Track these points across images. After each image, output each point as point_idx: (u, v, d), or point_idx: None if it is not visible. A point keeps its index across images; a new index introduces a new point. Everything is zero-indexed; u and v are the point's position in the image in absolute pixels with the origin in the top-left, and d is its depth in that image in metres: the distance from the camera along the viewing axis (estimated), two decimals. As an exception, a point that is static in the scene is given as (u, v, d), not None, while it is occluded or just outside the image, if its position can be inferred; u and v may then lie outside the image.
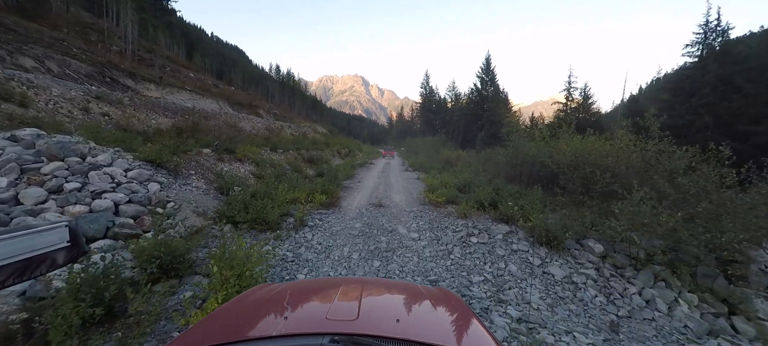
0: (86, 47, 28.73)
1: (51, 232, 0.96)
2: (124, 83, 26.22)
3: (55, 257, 0.96)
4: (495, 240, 6.24)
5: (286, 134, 31.40)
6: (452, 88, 54.53)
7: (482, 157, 21.46)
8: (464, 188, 10.65)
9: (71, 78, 20.44)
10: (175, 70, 43.19)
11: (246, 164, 13.38)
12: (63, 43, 26.76)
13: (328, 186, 9.29)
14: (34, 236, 0.91)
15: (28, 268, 0.88)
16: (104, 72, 25.71)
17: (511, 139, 12.64)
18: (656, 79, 68.59)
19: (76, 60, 23.98)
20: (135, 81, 27.70)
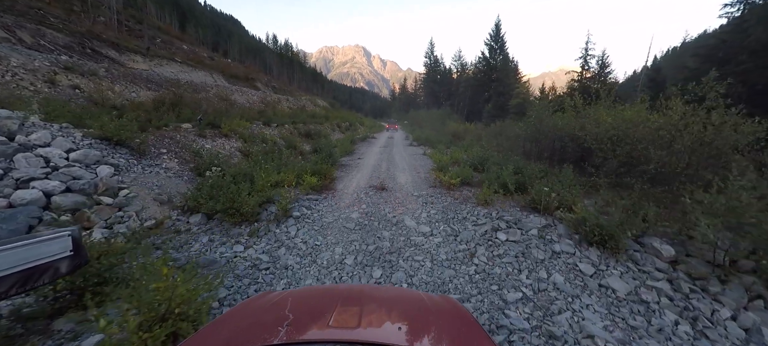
0: (67, 17, 26.59)
1: (53, 241, 0.94)
2: (106, 55, 24.29)
3: (58, 266, 0.94)
4: (529, 238, 4.85)
5: (284, 108, 29.66)
6: (458, 58, 51.58)
7: (493, 131, 19.77)
8: (479, 167, 9.19)
9: (46, 49, 18.63)
10: (167, 41, 40.77)
11: (232, 140, 11.92)
12: (39, 12, 24.65)
13: (322, 165, 7.85)
14: (36, 246, 0.88)
15: (31, 278, 0.86)
16: (84, 43, 23.73)
17: (532, 109, 10.97)
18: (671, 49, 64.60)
19: (52, 30, 22.01)
20: (119, 52, 25.75)
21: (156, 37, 39.81)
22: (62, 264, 0.95)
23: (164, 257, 2.70)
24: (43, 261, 0.89)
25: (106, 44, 25.73)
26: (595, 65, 31.34)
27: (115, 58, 24.48)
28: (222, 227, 5.31)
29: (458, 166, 9.50)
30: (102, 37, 26.44)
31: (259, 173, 6.88)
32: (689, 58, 27.18)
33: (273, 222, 5.44)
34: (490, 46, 41.97)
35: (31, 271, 0.86)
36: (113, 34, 29.47)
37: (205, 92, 23.25)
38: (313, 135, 18.68)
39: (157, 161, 7.83)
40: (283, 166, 8.33)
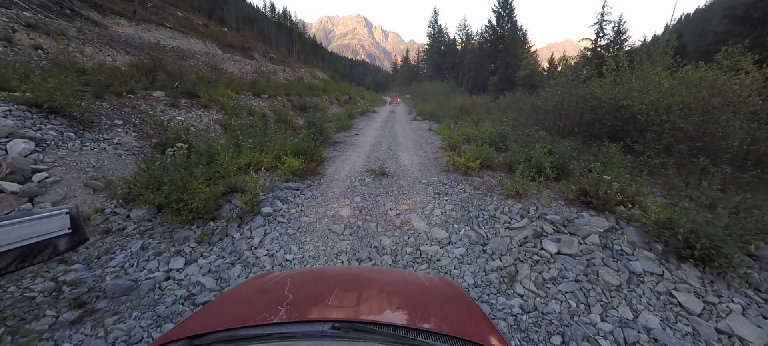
0: None
1: (52, 219, 0.92)
2: (87, 16, 21.88)
3: (57, 244, 0.92)
4: (590, 248, 3.35)
5: (279, 79, 27.51)
6: (463, 28, 48.21)
7: (503, 104, 17.91)
8: (499, 145, 7.58)
9: (18, 6, 16.46)
10: (159, 6, 37.74)
11: (212, 112, 10.24)
12: None
13: (308, 144, 6.22)
14: (35, 223, 0.87)
15: (31, 254, 0.85)
16: (63, 3, 21.27)
17: (557, 77, 9.16)
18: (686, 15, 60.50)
19: None
20: (102, 14, 23.31)
21: (147, 1, 36.81)
22: (61, 241, 0.94)
23: None
24: (41, 238, 0.88)
25: (88, 5, 23.22)
26: (610, 32, 28.72)
27: (98, 20, 22.14)
28: (166, 228, 3.82)
29: (472, 145, 7.90)
30: None
31: (227, 152, 5.30)
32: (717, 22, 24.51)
33: (235, 221, 3.95)
34: (497, 14, 38.81)
35: (30, 247, 0.85)
36: None
37: (193, 60, 21.16)
38: (309, 108, 16.88)
39: (106, 135, 6.24)
40: (266, 143, 6.76)
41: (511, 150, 6.59)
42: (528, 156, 5.62)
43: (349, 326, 0.85)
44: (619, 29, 28.28)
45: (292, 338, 0.82)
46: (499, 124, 8.66)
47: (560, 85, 8.64)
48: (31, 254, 0.86)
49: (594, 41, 29.17)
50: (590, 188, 4.16)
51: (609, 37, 28.80)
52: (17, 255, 0.83)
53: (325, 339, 0.81)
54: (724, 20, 22.74)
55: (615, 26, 28.34)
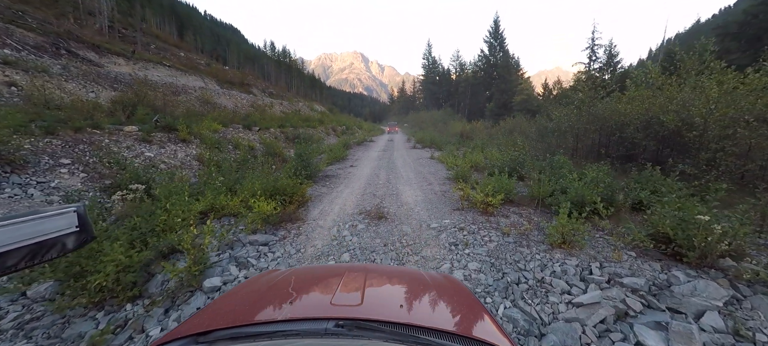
0: (51, 20, 23.99)
1: (60, 217, 0.88)
2: (84, 56, 21.43)
3: (65, 241, 0.88)
4: (718, 341, 2.02)
5: (275, 112, 26.94)
6: (456, 58, 48.86)
7: (505, 128, 16.97)
8: (516, 172, 6.38)
9: (11, 47, 15.92)
10: (162, 48, 38.15)
11: (191, 146, 9.12)
12: (18, 13, 22.02)
13: (287, 181, 4.94)
14: (43, 221, 0.85)
15: (39, 252, 0.83)
16: (59, 43, 20.87)
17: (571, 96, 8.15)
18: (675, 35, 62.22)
19: (24, 29, 19.28)
20: (99, 54, 22.93)
21: (151, 43, 37.19)
22: (69, 239, 0.90)
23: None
24: (50, 236, 0.85)
25: (86, 46, 22.93)
26: (602, 55, 28.63)
27: (94, 59, 21.70)
28: (59, 317, 2.50)
29: (483, 174, 6.71)
30: (83, 39, 23.65)
31: (180, 195, 4.05)
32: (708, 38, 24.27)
33: (164, 302, 2.63)
34: (489, 44, 39.28)
35: (39, 245, 0.83)
36: (100, 38, 26.78)
37: (186, 95, 20.57)
38: (302, 139, 15.88)
39: (42, 177, 5.03)
40: (241, 180, 5.53)
41: (534, 179, 5.36)
42: (562, 186, 4.38)
43: (352, 324, 0.83)
44: (610, 52, 28.20)
45: (297, 336, 0.81)
46: (514, 150, 7.48)
47: (577, 104, 7.59)
48: (39, 252, 0.84)
49: (587, 65, 29.04)
50: (675, 232, 2.88)
51: (601, 60, 28.71)
52: (26, 253, 0.81)
53: (329, 337, 0.80)
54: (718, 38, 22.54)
55: (606, 50, 28.30)
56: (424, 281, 1.35)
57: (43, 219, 0.86)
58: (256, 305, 1.11)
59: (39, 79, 12.02)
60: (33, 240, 0.83)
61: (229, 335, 0.82)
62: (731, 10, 79.31)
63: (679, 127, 5.34)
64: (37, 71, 12.78)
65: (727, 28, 22.55)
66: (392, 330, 0.82)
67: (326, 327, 0.82)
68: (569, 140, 8.88)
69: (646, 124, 6.19)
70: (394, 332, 0.81)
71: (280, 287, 1.21)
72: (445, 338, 0.82)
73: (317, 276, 1.47)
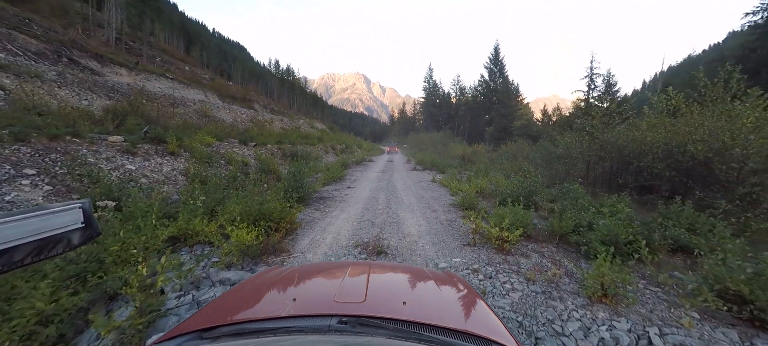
0: (55, 29, 24.00)
1: (66, 213, 0.90)
2: (86, 65, 21.19)
3: (71, 237, 0.90)
4: None
5: (275, 128, 26.61)
6: (457, 82, 49.44)
7: (508, 152, 16.54)
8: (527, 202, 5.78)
9: (11, 52, 15.63)
10: (168, 61, 38.37)
11: (180, 160, 8.53)
12: (26, 21, 22.00)
13: (274, 205, 4.30)
14: (49, 217, 0.86)
15: (45, 248, 0.84)
16: (61, 51, 20.67)
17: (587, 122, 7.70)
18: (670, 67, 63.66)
19: (27, 36, 19.12)
20: (101, 64, 22.73)
21: (156, 56, 37.38)
22: (74, 235, 0.92)
23: None
24: (56, 232, 0.86)
25: (88, 55, 22.77)
26: (601, 84, 28.83)
27: (95, 68, 21.46)
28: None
29: (490, 202, 6.12)
30: (86, 48, 23.54)
31: (145, 216, 3.42)
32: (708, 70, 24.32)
33: (89, 368, 1.95)
34: (489, 70, 39.78)
35: (45, 241, 0.84)
36: (106, 49, 26.77)
37: (185, 107, 20.21)
38: (300, 157, 15.35)
39: (5, 188, 4.39)
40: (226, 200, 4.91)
41: (553, 212, 4.77)
42: (586, 220, 3.80)
43: (355, 321, 0.83)
44: (609, 82, 28.40)
45: (300, 332, 0.80)
46: (522, 176, 6.92)
47: (589, 130, 7.12)
48: (45, 247, 0.85)
49: (586, 92, 29.18)
50: (753, 290, 2.26)
51: (600, 88, 28.90)
52: (33, 248, 0.81)
53: (332, 333, 0.79)
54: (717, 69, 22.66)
55: (604, 79, 28.51)
56: (427, 278, 1.35)
57: (49, 215, 0.86)
58: (259, 301, 1.10)
59: (30, 84, 11.57)
60: (39, 236, 0.82)
61: (232, 332, 0.81)
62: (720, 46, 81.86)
63: (709, 157, 4.83)
64: (30, 76, 12.34)
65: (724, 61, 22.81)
66: (395, 327, 0.81)
67: (329, 324, 0.81)
68: (579, 167, 8.37)
69: (668, 154, 5.68)
70: (398, 329, 0.81)
71: (284, 283, 1.22)
72: (449, 335, 0.81)
73: (320, 273, 1.47)
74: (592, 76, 28.89)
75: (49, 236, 0.84)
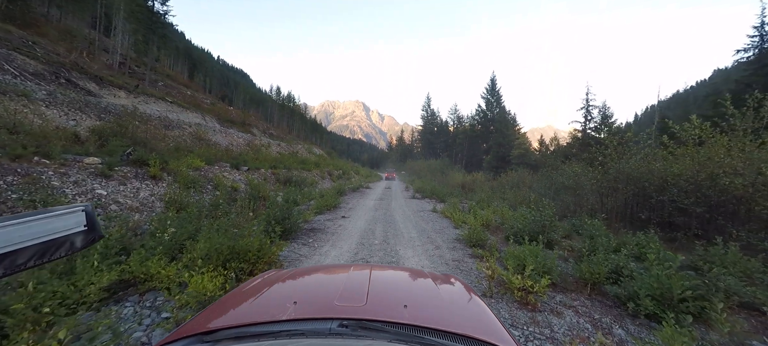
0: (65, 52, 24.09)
1: (69, 216, 0.90)
2: (83, 86, 20.97)
3: (74, 240, 0.90)
4: None
5: (272, 152, 26.14)
6: (454, 111, 50.05)
7: (509, 181, 16.00)
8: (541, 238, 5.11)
9: (7, 72, 15.33)
10: (170, 86, 38.67)
11: (161, 184, 7.85)
12: (29, 43, 22.06)
13: (248, 242, 3.55)
14: (52, 220, 0.85)
15: (48, 250, 0.84)
16: (60, 73, 20.50)
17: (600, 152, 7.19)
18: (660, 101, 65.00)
19: (25, 56, 19.00)
20: (100, 86, 22.55)
21: (158, 80, 37.63)
22: (77, 238, 0.91)
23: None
24: (59, 235, 0.86)
25: (88, 77, 22.62)
26: (597, 115, 28.99)
27: (93, 90, 21.22)
28: None
29: (497, 235, 5.44)
30: (87, 70, 23.45)
31: (81, 264, 2.70)
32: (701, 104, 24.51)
33: None
34: (487, 100, 40.31)
35: (48, 244, 0.84)
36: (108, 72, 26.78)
37: (180, 129, 19.78)
38: (295, 182, 14.70)
39: None
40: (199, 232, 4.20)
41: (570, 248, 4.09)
42: (614, 263, 3.13)
43: (356, 325, 0.82)
44: (604, 113, 28.58)
45: (301, 336, 0.80)
46: (531, 208, 6.25)
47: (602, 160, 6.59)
48: (48, 250, 0.85)
49: (583, 123, 29.26)
50: None
51: (596, 120, 29.03)
52: (36, 251, 0.81)
53: (333, 337, 0.79)
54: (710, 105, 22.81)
55: (600, 110, 28.73)
56: (428, 281, 1.34)
57: (51, 218, 0.85)
58: (260, 304, 1.07)
59: (15, 102, 11.09)
60: (42, 239, 0.81)
61: (233, 335, 0.82)
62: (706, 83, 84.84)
63: (749, 192, 4.26)
64: (17, 95, 11.88)
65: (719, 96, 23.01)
66: (396, 331, 0.81)
67: (330, 327, 0.81)
68: (590, 200, 7.76)
69: (696, 187, 5.11)
70: (399, 332, 0.80)
71: (285, 286, 1.22)
72: (450, 338, 0.81)
73: (321, 276, 1.48)
74: (588, 107, 29.15)
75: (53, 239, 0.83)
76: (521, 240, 4.89)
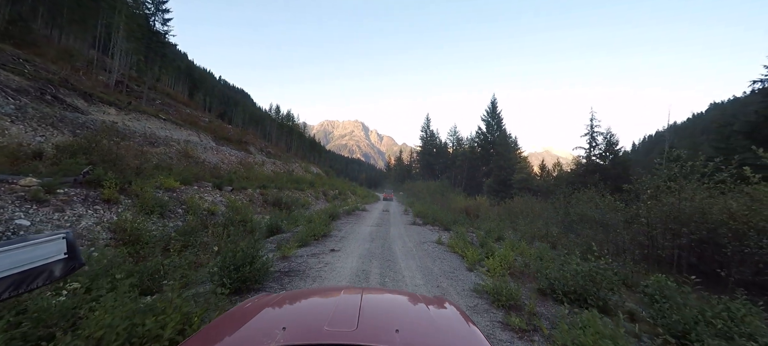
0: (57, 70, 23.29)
1: (48, 244, 0.88)
2: (71, 103, 19.93)
3: (53, 269, 0.87)
4: None
5: (266, 170, 24.90)
6: (454, 133, 49.42)
7: (515, 208, 14.69)
8: (593, 301, 3.80)
9: None
10: (169, 104, 37.92)
11: (116, 209, 6.52)
12: (20, 60, 21.26)
13: (172, 313, 2.23)
14: (31, 248, 0.82)
15: (25, 280, 0.80)
16: (46, 89, 19.49)
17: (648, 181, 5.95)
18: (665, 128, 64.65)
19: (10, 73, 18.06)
20: (89, 102, 21.51)
21: (156, 99, 36.85)
22: (56, 267, 0.88)
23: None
24: (37, 264, 0.82)
25: (76, 94, 21.60)
26: (602, 141, 28.12)
27: (82, 107, 20.18)
28: None
29: (523, 283, 4.14)
30: (76, 87, 22.47)
31: None
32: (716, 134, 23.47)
33: None
34: (487, 122, 39.71)
35: (25, 274, 0.79)
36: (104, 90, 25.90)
37: (167, 147, 18.61)
38: (285, 204, 13.35)
39: None
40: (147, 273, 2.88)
41: (629, 314, 2.78)
42: None
43: None
44: (609, 140, 27.72)
45: None
46: (594, 258, 4.81)
47: (652, 194, 5.36)
48: (25, 280, 0.79)
49: (587, 150, 28.35)
50: None
51: (601, 146, 28.15)
52: (11, 283, 0.75)
53: None
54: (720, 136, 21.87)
55: (605, 137, 27.90)
56: (419, 303, 1.32)
57: (30, 246, 0.82)
58: (248, 330, 1.03)
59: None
60: (19, 269, 0.78)
61: None
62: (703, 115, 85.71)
63: None
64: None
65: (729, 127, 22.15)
66: None
67: None
68: (623, 236, 6.49)
69: (760, 233, 3.86)
70: None
71: (273, 311, 1.19)
72: None
73: (311, 300, 1.44)
74: (593, 133, 28.36)
75: (30, 269, 0.78)
76: (563, 297, 3.57)
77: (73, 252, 0.90)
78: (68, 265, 0.90)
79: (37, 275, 0.81)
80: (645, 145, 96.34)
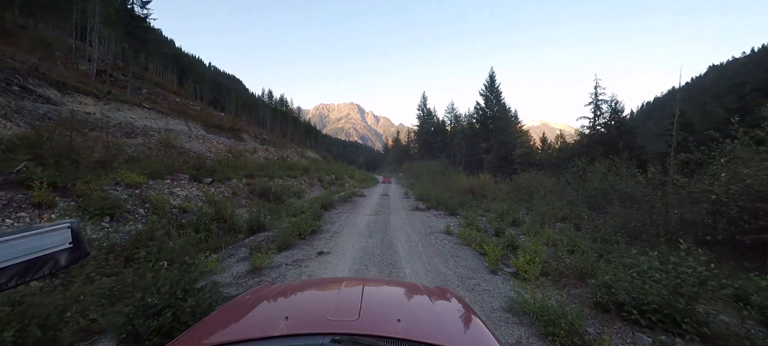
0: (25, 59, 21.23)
1: (54, 233, 0.87)
2: (42, 94, 18.07)
3: (58, 258, 0.87)
4: None
5: (257, 158, 23.43)
6: (451, 110, 47.60)
7: (523, 184, 13.44)
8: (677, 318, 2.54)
9: None
10: (156, 93, 35.76)
11: (51, 214, 5.20)
12: None
13: None
14: (36, 238, 0.82)
15: (31, 269, 0.80)
16: (12, 79, 17.57)
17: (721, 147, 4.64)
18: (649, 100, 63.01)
19: None
20: (62, 93, 19.62)
21: (142, 88, 34.66)
22: (62, 256, 0.88)
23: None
24: (42, 253, 0.83)
25: (48, 84, 19.67)
26: (606, 109, 26.64)
27: (54, 98, 18.35)
28: None
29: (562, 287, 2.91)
30: (48, 76, 20.46)
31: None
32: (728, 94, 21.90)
33: None
34: (485, 97, 37.89)
35: (30, 262, 0.80)
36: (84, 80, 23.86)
37: (146, 137, 17.06)
38: (274, 194, 12.04)
39: None
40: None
41: None
42: None
43: (349, 340, 0.80)
44: (614, 108, 26.24)
45: None
46: (666, 266, 3.54)
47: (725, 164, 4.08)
48: (31, 268, 0.80)
49: (592, 119, 26.90)
50: None
51: (605, 115, 26.71)
52: (18, 270, 0.77)
53: None
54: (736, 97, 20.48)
55: (610, 105, 26.40)
56: (421, 293, 1.30)
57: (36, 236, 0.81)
58: (251, 320, 1.04)
59: None
60: (25, 257, 0.78)
61: None
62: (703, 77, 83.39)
63: None
64: None
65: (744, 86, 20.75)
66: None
67: (322, 343, 0.79)
68: (672, 216, 5.27)
69: None
70: None
71: (276, 301, 1.17)
72: None
73: (313, 290, 1.43)
74: (598, 102, 26.84)
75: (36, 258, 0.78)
76: (638, 316, 2.35)
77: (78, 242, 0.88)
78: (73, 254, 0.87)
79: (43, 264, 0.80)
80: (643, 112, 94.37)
